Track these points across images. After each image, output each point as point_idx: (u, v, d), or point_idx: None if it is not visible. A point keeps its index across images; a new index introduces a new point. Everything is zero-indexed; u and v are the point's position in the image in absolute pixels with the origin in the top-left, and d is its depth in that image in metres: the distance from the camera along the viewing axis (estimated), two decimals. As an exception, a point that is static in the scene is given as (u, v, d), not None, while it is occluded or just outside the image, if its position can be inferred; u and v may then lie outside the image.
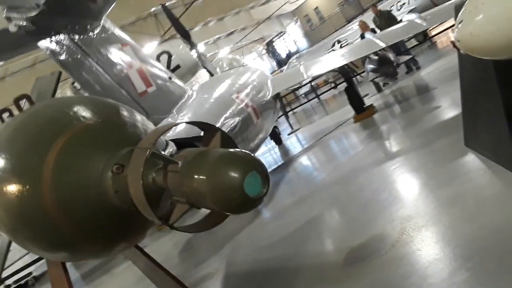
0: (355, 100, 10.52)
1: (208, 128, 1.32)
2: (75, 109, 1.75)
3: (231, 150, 1.11)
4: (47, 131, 1.67)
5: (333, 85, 22.04)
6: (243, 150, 1.09)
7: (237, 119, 7.77)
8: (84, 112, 1.73)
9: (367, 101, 11.45)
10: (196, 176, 1.16)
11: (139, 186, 1.24)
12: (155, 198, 1.33)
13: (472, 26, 2.87)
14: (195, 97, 7.88)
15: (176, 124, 1.31)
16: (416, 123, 7.67)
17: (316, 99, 22.91)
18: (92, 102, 1.78)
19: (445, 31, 17.50)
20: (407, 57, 11.22)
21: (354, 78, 14.68)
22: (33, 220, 1.61)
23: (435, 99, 8.77)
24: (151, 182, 1.27)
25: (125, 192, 1.42)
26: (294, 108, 22.47)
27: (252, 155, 1.08)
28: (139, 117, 1.79)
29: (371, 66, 9.78)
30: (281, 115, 13.86)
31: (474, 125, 4.60)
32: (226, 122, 7.31)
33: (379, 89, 12.93)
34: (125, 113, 1.76)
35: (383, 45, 8.83)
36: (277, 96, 10.96)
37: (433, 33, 19.42)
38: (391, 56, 9.43)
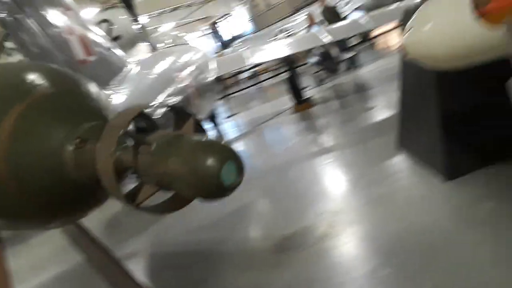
0: (296, 91, 10.65)
1: (180, 112, 1.29)
2: (35, 76, 1.65)
3: (209, 138, 1.10)
4: (4, 96, 1.58)
5: (274, 73, 22.16)
6: (216, 139, 1.09)
7: (177, 98, 7.64)
8: (44, 80, 1.63)
9: (307, 93, 11.62)
10: (171, 160, 1.14)
11: (109, 165, 1.20)
12: (121, 176, 1.29)
13: (421, 35, 2.97)
14: (136, 70, 7.65)
15: (151, 106, 1.27)
16: (352, 120, 7.89)
17: (256, 85, 22.95)
18: (52, 71, 1.69)
19: (385, 33, 18.07)
20: (349, 55, 11.47)
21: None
22: None
23: (372, 98, 9.06)
24: (119, 161, 1.23)
25: (87, 166, 1.38)
26: (234, 93, 22.39)
27: (229, 144, 1.08)
28: (97, 89, 1.71)
29: (315, 59, 9.92)
30: (221, 98, 13.81)
31: (408, 128, 4.78)
32: (165, 100, 7.18)
33: (319, 82, 13.14)
34: (85, 84, 1.68)
35: (328, 40, 8.97)
36: (218, 79, 10.90)
37: (374, 33, 19.96)
38: (334, 51, 9.60)
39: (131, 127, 1.23)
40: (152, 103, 5.23)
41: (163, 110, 1.25)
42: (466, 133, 3.81)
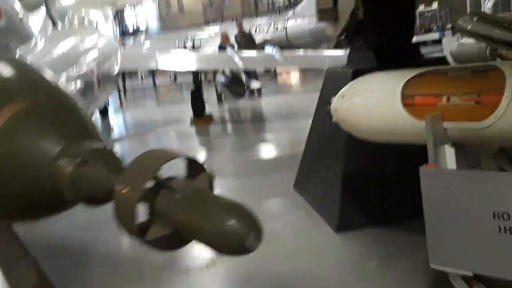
0: (198, 105, 10.73)
1: (193, 163, 1.34)
2: (35, 80, 1.58)
3: (236, 201, 1.19)
4: (2, 89, 1.52)
5: (172, 77, 22.08)
6: (241, 203, 1.19)
7: (78, 83, 7.37)
8: (43, 88, 1.57)
9: (207, 110, 11.72)
10: (197, 215, 1.20)
11: (133, 207, 1.22)
12: None
13: (351, 105, 3.28)
14: (42, 46, 7.25)
15: (181, 156, 1.28)
16: (248, 149, 8.13)
17: (152, 85, 22.59)
18: (46, 82, 1.63)
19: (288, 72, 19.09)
20: (257, 85, 11.88)
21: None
22: None
23: (271, 131, 9.44)
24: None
25: (82, 187, 1.38)
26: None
27: (251, 210, 1.19)
28: (83, 106, 1.69)
29: (223, 80, 10.13)
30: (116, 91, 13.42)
31: (309, 172, 5.10)
32: (67, 84, 6.89)
33: (219, 100, 13.32)
34: (74, 100, 1.64)
35: (241, 67, 9.27)
36: (121, 72, 10.68)
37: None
38: (243, 77, 9.91)
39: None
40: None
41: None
42: (362, 192, 4.21)
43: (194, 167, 1.35)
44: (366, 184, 4.21)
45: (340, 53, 9.40)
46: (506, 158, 3.07)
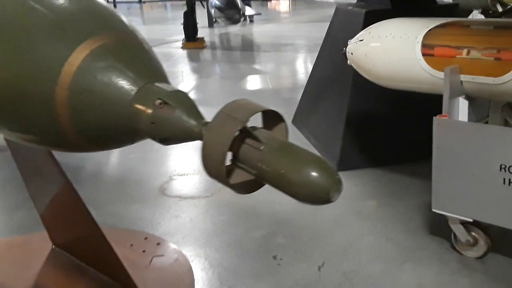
0: (190, 27, 10.47)
1: (270, 114, 1.38)
2: (115, 15, 1.57)
3: (315, 154, 1.24)
4: (82, 23, 1.48)
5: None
6: (320, 156, 1.24)
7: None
8: (123, 24, 1.56)
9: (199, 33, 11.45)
10: (283, 165, 1.24)
11: (224, 154, 1.27)
12: None
13: (369, 50, 3.31)
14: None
15: (267, 110, 1.29)
16: (241, 78, 8.11)
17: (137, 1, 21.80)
18: (122, 19, 1.61)
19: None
20: (253, 12, 11.57)
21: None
22: (39, 116, 1.48)
23: (262, 61, 9.35)
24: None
25: (161, 128, 1.42)
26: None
27: (328, 162, 1.24)
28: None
29: (219, 3, 9.83)
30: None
31: (310, 109, 5.15)
32: None
33: (210, 24, 13.00)
34: (144, 38, 1.63)
35: (237, -9, 9.00)
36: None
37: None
38: (239, 2, 9.64)
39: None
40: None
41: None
42: (364, 134, 4.34)
43: (272, 118, 1.41)
44: (369, 126, 4.33)
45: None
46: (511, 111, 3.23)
